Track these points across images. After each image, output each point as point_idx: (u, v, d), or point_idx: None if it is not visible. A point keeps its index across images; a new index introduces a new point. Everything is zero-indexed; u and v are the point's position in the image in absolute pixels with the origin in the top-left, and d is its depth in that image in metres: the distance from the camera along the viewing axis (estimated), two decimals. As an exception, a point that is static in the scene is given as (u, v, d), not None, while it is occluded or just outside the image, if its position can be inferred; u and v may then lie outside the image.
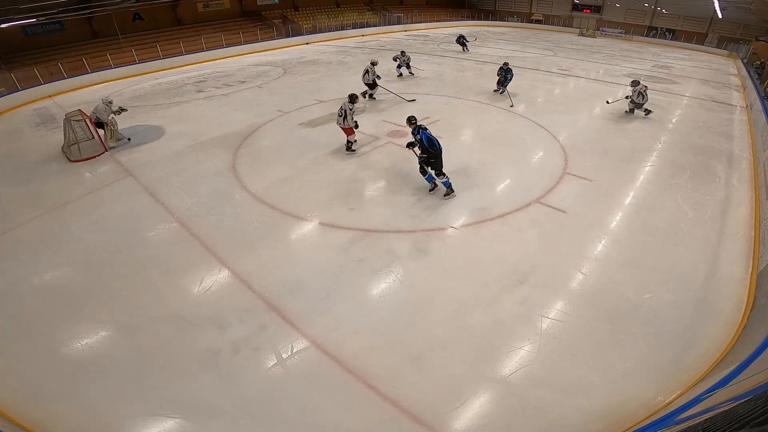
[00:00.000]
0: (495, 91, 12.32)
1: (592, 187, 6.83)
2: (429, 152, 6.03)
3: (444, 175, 6.26)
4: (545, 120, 10.01)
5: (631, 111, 10.69)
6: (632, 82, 10.38)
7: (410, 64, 14.44)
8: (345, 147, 8.01)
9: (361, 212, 6.05)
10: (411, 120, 6.47)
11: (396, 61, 14.23)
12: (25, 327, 4.18)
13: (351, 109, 7.53)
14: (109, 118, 8.52)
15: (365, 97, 11.31)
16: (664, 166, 7.76)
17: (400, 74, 14.40)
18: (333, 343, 3.87)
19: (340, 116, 7.54)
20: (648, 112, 10.57)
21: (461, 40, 20.22)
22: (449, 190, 6.37)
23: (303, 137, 8.96)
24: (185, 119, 10.35)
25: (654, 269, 4.88)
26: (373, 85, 11.19)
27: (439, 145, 6.10)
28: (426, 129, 6.19)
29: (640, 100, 10.25)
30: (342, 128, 7.72)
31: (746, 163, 8.07)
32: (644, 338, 3.93)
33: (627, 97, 10.63)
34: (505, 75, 11.89)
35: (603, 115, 10.93)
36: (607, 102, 11.02)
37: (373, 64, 11.10)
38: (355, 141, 8.03)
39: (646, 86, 10.29)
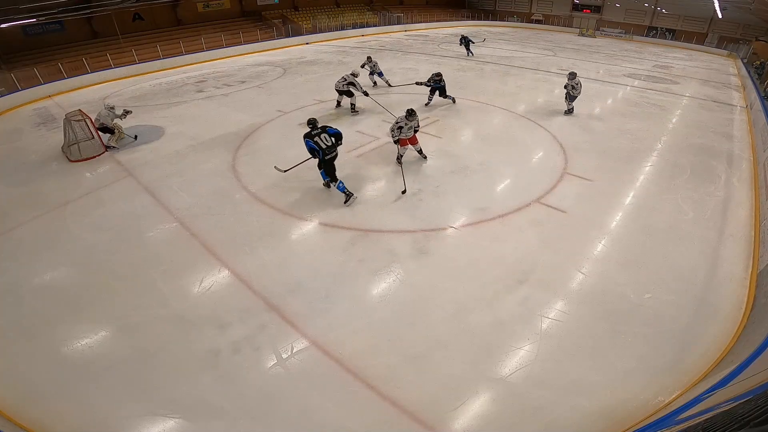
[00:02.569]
0: (426, 104, 11.00)
1: (592, 187, 6.83)
2: (317, 157, 6.04)
3: (336, 180, 6.18)
4: (545, 120, 10.01)
5: (570, 111, 10.48)
6: (570, 74, 10.11)
7: (381, 72, 12.76)
8: (419, 154, 7.61)
9: (361, 212, 6.05)
10: (308, 123, 6.27)
11: (366, 69, 12.67)
12: (25, 327, 4.18)
13: (406, 124, 6.94)
14: (113, 122, 8.54)
15: (337, 107, 10.73)
16: (664, 166, 7.76)
17: (375, 83, 12.88)
18: (333, 343, 3.87)
19: (402, 128, 6.95)
20: (571, 110, 10.46)
21: (465, 41, 18.75)
22: (345, 195, 6.17)
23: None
24: (185, 119, 10.35)
25: (654, 269, 4.88)
26: (349, 94, 10.23)
27: (322, 154, 5.96)
28: (313, 137, 5.93)
29: (574, 92, 10.05)
30: (406, 140, 7.18)
31: (746, 163, 8.07)
32: (644, 338, 3.93)
33: (564, 87, 10.23)
34: (437, 83, 10.50)
35: (603, 115, 10.94)
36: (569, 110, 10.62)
37: (354, 75, 10.14)
38: (420, 151, 7.60)
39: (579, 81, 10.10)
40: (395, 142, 7.13)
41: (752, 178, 7.43)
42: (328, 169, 6.18)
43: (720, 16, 25.03)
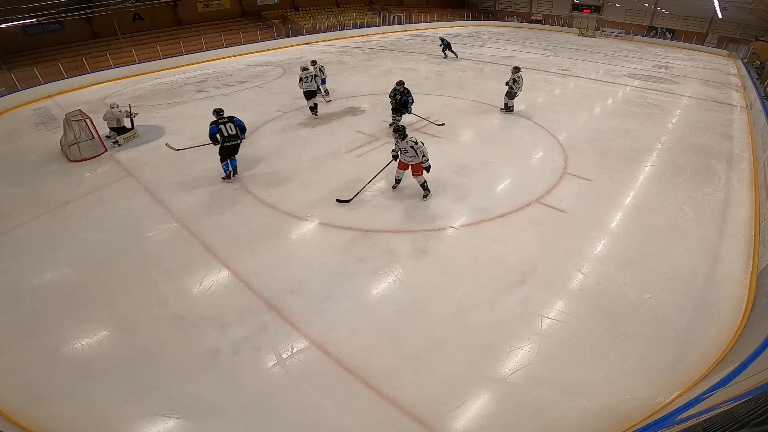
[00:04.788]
0: (391, 124, 9.10)
1: (592, 187, 6.83)
2: (216, 144, 6.68)
3: (226, 163, 6.87)
4: (545, 120, 10.01)
5: (509, 109, 10.35)
6: (513, 68, 9.98)
7: (324, 80, 11.27)
8: (422, 189, 6.32)
9: (361, 212, 6.05)
10: (215, 111, 6.74)
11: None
12: (25, 327, 4.17)
13: (415, 142, 5.88)
14: (125, 119, 8.84)
15: (315, 114, 10.05)
16: (664, 166, 7.76)
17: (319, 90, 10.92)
18: (333, 343, 3.87)
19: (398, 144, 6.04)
20: (511, 108, 10.35)
21: (444, 44, 18.06)
22: (227, 176, 6.96)
23: (303, 137, 8.96)
24: (185, 119, 10.35)
25: (654, 269, 4.88)
26: (313, 94, 9.78)
27: (223, 141, 6.60)
28: (219, 124, 6.53)
29: (515, 87, 9.92)
30: (404, 163, 6.19)
31: (746, 163, 8.07)
32: (644, 338, 3.93)
33: (507, 84, 10.09)
34: (404, 98, 8.67)
35: (603, 115, 10.95)
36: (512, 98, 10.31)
37: (304, 69, 9.64)
38: (423, 185, 6.29)
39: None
40: (394, 158, 6.28)
41: (752, 178, 7.43)
42: (225, 152, 6.76)
43: (720, 16, 25.04)
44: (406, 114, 8.99)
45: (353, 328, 4.07)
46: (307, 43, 22.81)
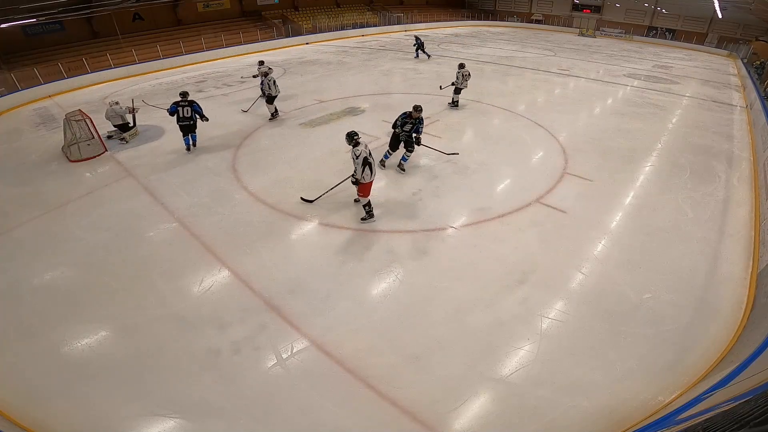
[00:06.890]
0: (401, 169, 7.21)
1: (592, 187, 6.83)
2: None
3: (187, 138, 8.15)
4: (545, 120, 10.01)
5: (455, 103, 10.77)
6: (459, 65, 10.43)
7: (274, 83, 9.46)
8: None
9: (362, 212, 6.04)
10: (180, 93, 8.09)
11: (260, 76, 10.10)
12: (25, 327, 4.17)
13: (356, 155, 5.29)
14: (126, 116, 9.01)
15: (275, 115, 9.94)
16: (664, 166, 7.76)
17: (262, 94, 10.01)
18: (333, 343, 3.87)
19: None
20: (455, 103, 10.75)
21: (418, 43, 18.05)
22: (187, 148, 8.19)
23: (303, 137, 8.96)
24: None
25: (654, 269, 4.88)
26: (272, 98, 9.64)
27: (177, 120, 7.88)
28: (178, 105, 7.77)
29: (458, 83, 10.39)
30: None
31: (746, 163, 8.07)
32: (644, 338, 3.93)
33: (452, 84, 10.53)
34: (416, 127, 6.84)
35: (603, 115, 10.95)
36: (441, 87, 10.81)
37: (265, 74, 9.56)
38: (368, 209, 5.72)
39: (469, 72, 10.42)
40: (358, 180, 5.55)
41: (752, 178, 7.43)
42: (182, 129, 8.03)
43: (720, 16, 25.04)
44: (417, 147, 7.02)
45: (353, 328, 4.07)
46: (307, 43, 22.80)
